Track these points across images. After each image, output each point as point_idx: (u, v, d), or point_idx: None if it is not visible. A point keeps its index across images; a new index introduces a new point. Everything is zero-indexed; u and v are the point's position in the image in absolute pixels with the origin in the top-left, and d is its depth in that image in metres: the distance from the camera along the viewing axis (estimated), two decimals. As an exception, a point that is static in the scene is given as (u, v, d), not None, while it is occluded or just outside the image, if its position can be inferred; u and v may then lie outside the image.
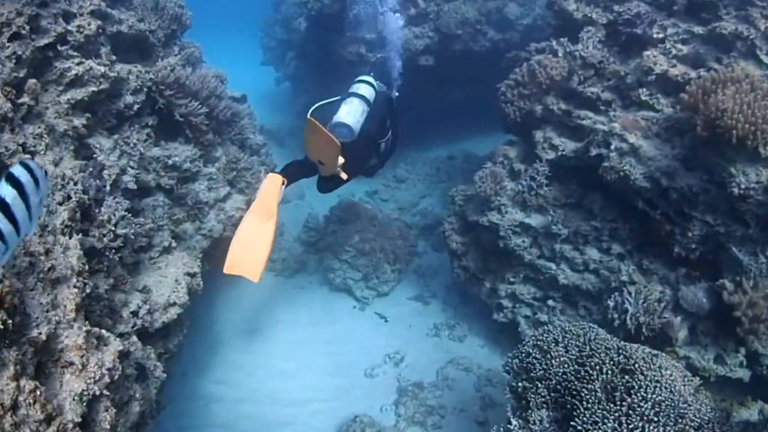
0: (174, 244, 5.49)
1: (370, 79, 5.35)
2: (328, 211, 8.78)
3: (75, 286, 3.31)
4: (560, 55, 6.25)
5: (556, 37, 6.78)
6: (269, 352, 7.22)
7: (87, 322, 3.29)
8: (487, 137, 12.02)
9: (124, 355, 3.50)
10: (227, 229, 6.51)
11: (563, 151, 6.14)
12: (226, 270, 4.67)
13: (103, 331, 3.39)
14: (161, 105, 6.00)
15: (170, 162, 6.00)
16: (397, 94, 5.83)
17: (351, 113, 4.88)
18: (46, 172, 2.29)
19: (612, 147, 5.63)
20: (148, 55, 6.54)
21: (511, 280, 6.57)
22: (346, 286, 8.00)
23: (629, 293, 5.52)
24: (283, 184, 5.13)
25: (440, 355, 7.06)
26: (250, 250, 4.68)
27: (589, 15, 6.38)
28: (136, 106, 5.69)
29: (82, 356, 3.05)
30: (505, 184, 6.22)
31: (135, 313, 4.27)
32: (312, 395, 6.66)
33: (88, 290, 3.47)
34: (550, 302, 6.39)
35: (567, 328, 4.74)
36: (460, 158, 10.83)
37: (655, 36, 6.13)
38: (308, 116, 4.80)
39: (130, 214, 4.44)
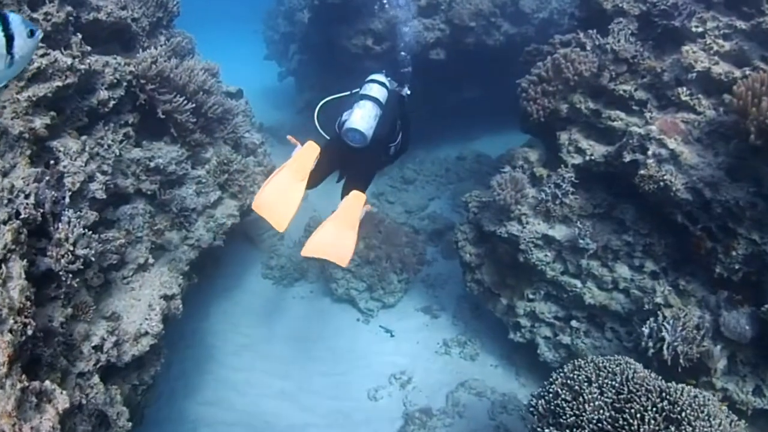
0: (151, 261, 4.82)
1: (383, 78, 4.89)
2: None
3: (11, 331, 2.62)
4: (588, 48, 5.51)
5: (581, 29, 6.05)
6: (264, 369, 6.55)
7: (24, 376, 2.61)
8: (499, 137, 11.30)
9: (73, 410, 2.82)
10: (217, 238, 5.85)
11: (592, 155, 5.41)
12: (254, 206, 4.19)
13: (48, 383, 2.71)
14: (143, 101, 5.32)
15: (152, 164, 5.33)
16: (409, 92, 5.28)
17: (364, 118, 4.44)
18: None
19: (649, 153, 4.91)
20: (130, 46, 5.85)
21: (531, 297, 5.87)
22: (349, 297, 7.32)
23: (666, 320, 4.83)
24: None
25: (450, 376, 6.37)
26: (281, 200, 4.22)
27: (620, 5, 5.62)
28: (112, 103, 5.00)
29: (13, 425, 2.37)
30: (526, 192, 5.49)
31: (98, 348, 3.60)
32: (310, 419, 5.99)
33: (30, 331, 2.78)
34: (574, 323, 5.69)
35: (601, 365, 4.05)
36: (470, 158, 10.10)
37: (694, 30, 5.40)
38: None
39: (91, 232, 3.73)
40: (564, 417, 3.79)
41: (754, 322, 4.63)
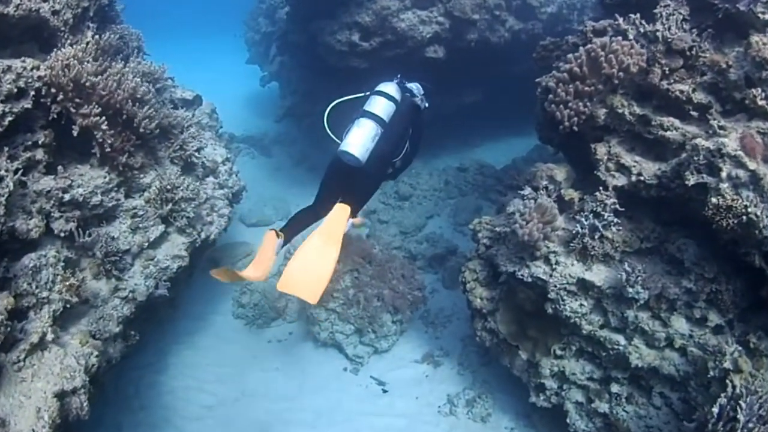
0: (50, 337, 3.42)
1: (391, 89, 4.44)
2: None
3: None
4: (631, 37, 4.12)
5: (609, 15, 4.67)
6: (232, 437, 5.17)
7: None
8: (501, 143, 9.97)
9: None
10: (161, 286, 4.45)
11: (640, 175, 4.03)
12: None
13: None
14: (55, 115, 3.94)
15: (69, 197, 3.95)
16: (427, 105, 4.72)
17: (360, 140, 4.16)
18: None
19: (723, 174, 3.53)
20: (51, 45, 4.47)
21: (559, 353, 4.49)
22: (334, 341, 5.92)
23: (740, 395, 3.47)
24: (278, 236, 4.06)
25: (458, 444, 5.00)
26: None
27: (669, -17, 4.27)
28: (8, 119, 3.62)
29: None
30: (557, 224, 4.09)
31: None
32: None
33: None
34: (615, 387, 4.31)
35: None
36: (472, 169, 8.70)
37: (761, 16, 4.01)
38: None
39: None
40: None
41: None
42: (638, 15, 4.21)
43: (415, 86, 4.74)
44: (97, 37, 4.41)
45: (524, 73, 8.85)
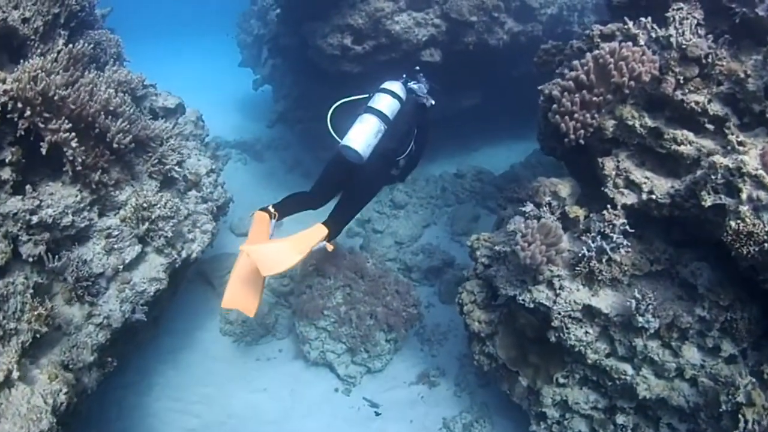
0: (17, 375, 3.11)
1: (396, 87, 4.41)
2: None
3: None
4: (642, 43, 3.80)
5: (617, 17, 4.36)
6: (216, 465, 4.87)
7: None
8: (500, 148, 9.62)
9: None
10: (138, 311, 4.13)
11: (651, 192, 3.72)
12: (224, 305, 4.02)
13: None
14: (22, 131, 3.61)
15: (37, 218, 3.63)
16: (433, 102, 4.68)
17: (362, 135, 4.10)
18: None
19: (743, 196, 3.21)
20: (22, 54, 4.15)
21: (561, 381, 4.17)
22: (325, 360, 5.61)
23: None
24: (272, 218, 4.16)
25: (454, 474, 4.70)
26: (245, 289, 4.01)
27: (682, -16, 3.94)
28: (-35, 136, 3.31)
29: None
30: (561, 246, 3.77)
31: None
32: None
33: None
34: (620, 418, 4.01)
35: None
36: (470, 176, 8.36)
37: (780, 21, 3.72)
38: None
39: None
40: None
41: None
42: (649, 18, 3.89)
43: (418, 86, 4.61)
44: (70, 46, 4.06)
45: (523, 77, 8.54)
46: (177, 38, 19.48)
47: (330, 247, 4.29)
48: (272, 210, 4.19)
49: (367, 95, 4.49)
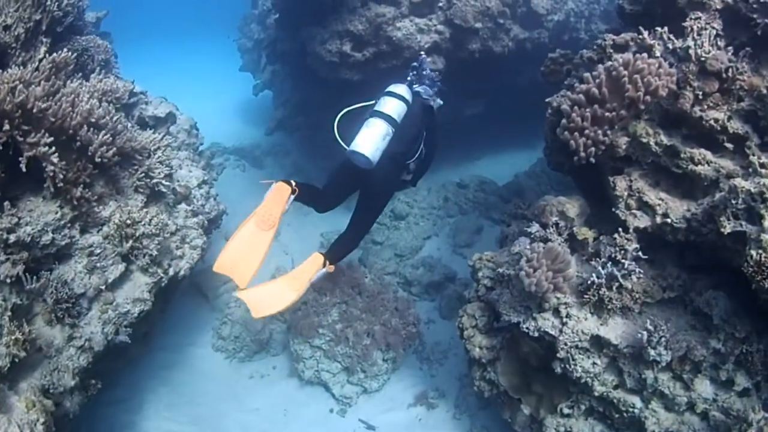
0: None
1: (402, 90, 4.29)
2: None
3: None
4: (658, 54, 3.54)
5: (629, 26, 4.13)
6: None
7: None
8: (503, 156, 9.34)
9: None
10: (121, 332, 3.90)
11: (666, 215, 3.46)
12: (215, 268, 3.68)
13: None
14: (0, 145, 3.39)
15: (15, 237, 3.40)
16: (441, 102, 4.56)
17: (370, 140, 3.97)
18: None
19: (765, 224, 2.95)
20: (3, 64, 3.93)
21: (566, 411, 3.91)
22: (320, 380, 5.37)
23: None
24: (293, 193, 3.87)
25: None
26: (243, 255, 3.72)
27: (699, -7, 3.69)
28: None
29: None
30: (569, 273, 3.51)
31: None
32: None
33: None
34: (628, 452, 3.75)
35: None
36: (473, 186, 8.11)
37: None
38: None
39: None
40: None
41: None
42: (665, 28, 3.64)
43: (423, 88, 4.49)
44: (54, 55, 3.83)
45: (528, 85, 8.28)
46: (180, 41, 19.28)
47: (331, 269, 4.01)
48: (294, 185, 3.87)
49: (373, 102, 4.36)
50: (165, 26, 21.00)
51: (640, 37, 3.63)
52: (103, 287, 3.80)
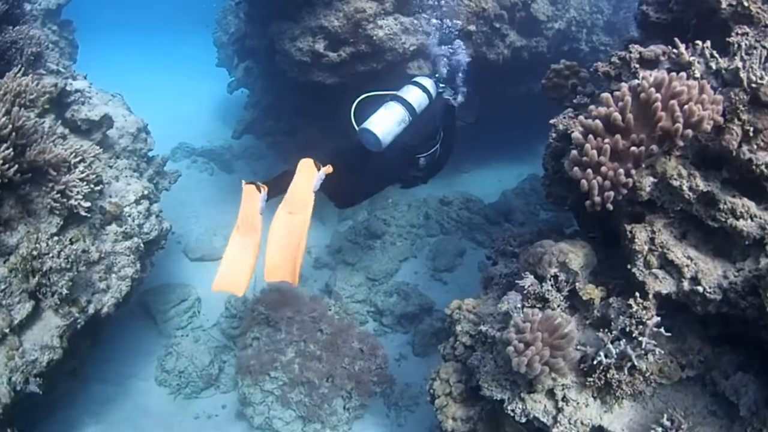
0: None
1: (427, 82, 4.13)
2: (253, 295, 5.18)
3: None
4: (698, 74, 2.73)
5: (652, 38, 3.34)
6: None
7: None
8: (490, 171, 8.56)
9: None
10: (31, 383, 3.04)
11: (696, 282, 2.66)
12: (214, 289, 3.42)
13: None
14: None
15: None
16: (462, 100, 4.55)
17: (384, 122, 3.75)
18: None
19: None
20: None
21: (557, 503, 3.11)
22: (271, 428, 4.53)
23: None
24: (259, 191, 3.54)
25: None
26: (235, 266, 3.44)
27: (746, 5, 2.88)
28: None
29: None
30: (569, 353, 2.69)
31: None
32: None
33: None
34: None
35: None
36: (457, 203, 7.29)
37: None
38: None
39: None
40: None
41: None
42: (708, 43, 2.82)
43: (444, 89, 4.42)
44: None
45: (522, 97, 7.49)
46: (169, 31, 18.23)
47: (295, 282, 3.49)
48: (259, 185, 3.54)
49: (394, 92, 4.14)
50: (154, 15, 19.95)
51: (675, 51, 2.81)
52: (7, 330, 2.93)
